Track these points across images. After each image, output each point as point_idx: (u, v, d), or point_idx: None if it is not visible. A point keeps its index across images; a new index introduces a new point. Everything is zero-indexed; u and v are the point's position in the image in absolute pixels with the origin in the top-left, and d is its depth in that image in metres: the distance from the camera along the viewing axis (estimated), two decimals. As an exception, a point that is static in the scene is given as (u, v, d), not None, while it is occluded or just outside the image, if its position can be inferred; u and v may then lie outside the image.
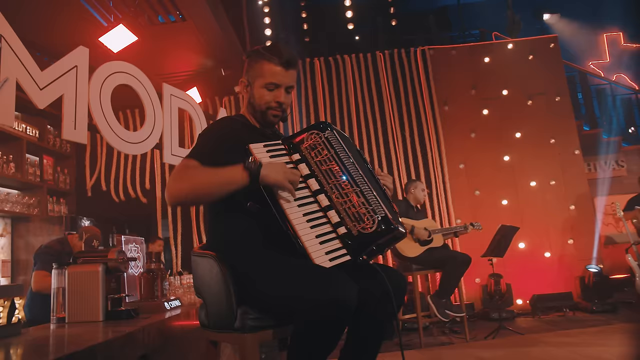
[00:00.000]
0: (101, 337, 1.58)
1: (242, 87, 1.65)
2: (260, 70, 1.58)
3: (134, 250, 2.39)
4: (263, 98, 1.58)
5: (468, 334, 3.93)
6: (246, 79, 1.63)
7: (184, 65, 5.00)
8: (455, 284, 3.89)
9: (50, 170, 5.07)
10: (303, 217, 1.39)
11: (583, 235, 5.40)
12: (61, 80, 2.46)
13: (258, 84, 1.59)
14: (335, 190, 1.43)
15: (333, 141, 1.51)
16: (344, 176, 1.44)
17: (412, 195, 4.18)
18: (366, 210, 1.39)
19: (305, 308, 1.28)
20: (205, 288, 1.49)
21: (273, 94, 1.58)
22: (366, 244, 1.38)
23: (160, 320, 1.90)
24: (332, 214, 1.41)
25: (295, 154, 1.50)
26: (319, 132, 1.53)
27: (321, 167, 1.47)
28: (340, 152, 1.50)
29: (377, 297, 1.42)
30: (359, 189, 1.42)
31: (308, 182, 1.46)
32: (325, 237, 1.38)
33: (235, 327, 1.37)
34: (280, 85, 1.59)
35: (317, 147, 1.50)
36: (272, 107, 1.59)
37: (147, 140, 3.04)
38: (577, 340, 3.55)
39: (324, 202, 1.43)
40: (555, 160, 5.58)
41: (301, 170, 1.47)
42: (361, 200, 1.40)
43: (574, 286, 5.18)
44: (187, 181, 1.42)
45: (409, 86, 5.82)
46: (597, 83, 7.65)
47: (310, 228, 1.38)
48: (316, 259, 1.32)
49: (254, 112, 1.63)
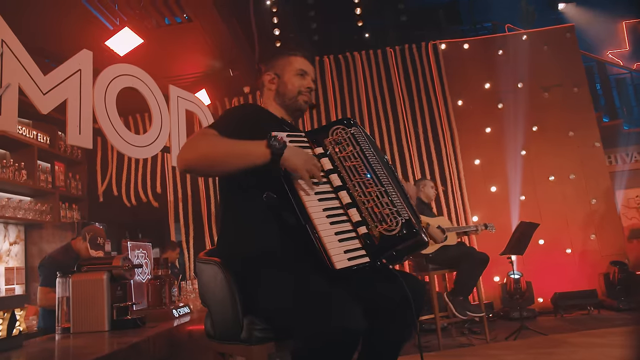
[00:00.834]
0: (106, 349, 1.52)
1: (268, 81, 1.68)
2: (289, 61, 1.66)
3: (141, 257, 2.34)
4: (295, 84, 1.64)
5: (488, 334, 3.80)
6: (272, 73, 1.67)
7: (192, 67, 4.95)
8: (474, 283, 3.78)
9: (61, 177, 5.08)
10: (323, 212, 1.32)
11: (606, 230, 5.21)
12: (64, 84, 2.41)
13: (289, 73, 1.65)
14: (358, 188, 1.37)
15: (359, 138, 1.46)
16: (368, 174, 1.39)
17: (423, 193, 4.09)
18: (390, 211, 1.32)
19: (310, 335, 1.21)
20: (210, 296, 1.42)
21: (303, 80, 1.65)
22: (387, 246, 1.30)
23: (168, 329, 1.84)
24: (353, 212, 1.34)
25: (319, 147, 1.45)
26: (345, 127, 1.47)
27: (345, 163, 1.41)
28: (366, 150, 1.44)
29: (396, 303, 1.35)
30: (383, 188, 1.36)
31: (330, 178, 1.40)
32: (344, 235, 1.30)
33: (241, 338, 1.29)
34: (309, 73, 1.67)
35: (342, 142, 1.45)
36: (302, 92, 1.64)
37: (154, 144, 2.98)
38: (604, 341, 3.39)
39: (345, 199, 1.36)
40: (574, 154, 5.41)
41: (323, 164, 1.42)
42: (385, 200, 1.34)
43: (598, 283, 5.00)
44: (203, 146, 1.35)
45: (420, 82, 5.70)
46: (616, 73, 7.42)
47: (329, 224, 1.30)
48: (334, 257, 1.25)
49: (283, 100, 1.65)
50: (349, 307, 1.20)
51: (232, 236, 1.46)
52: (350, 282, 1.31)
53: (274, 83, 1.67)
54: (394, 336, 1.40)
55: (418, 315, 1.43)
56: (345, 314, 1.18)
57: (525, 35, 5.79)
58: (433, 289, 3.85)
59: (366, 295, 1.33)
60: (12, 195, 4.39)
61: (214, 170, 1.44)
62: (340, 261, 1.24)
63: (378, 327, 1.34)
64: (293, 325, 1.28)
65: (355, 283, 1.33)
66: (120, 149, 2.70)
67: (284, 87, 1.64)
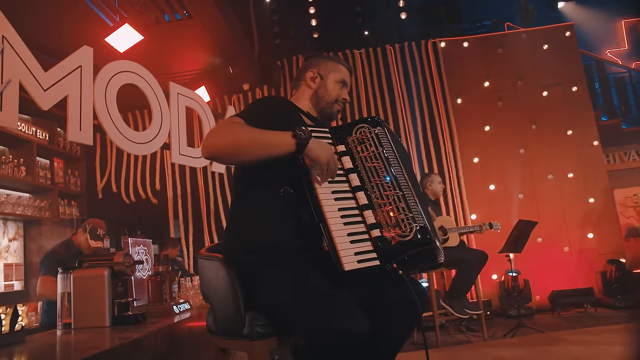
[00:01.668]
0: (107, 344, 1.53)
1: (310, 77, 1.68)
2: (335, 67, 1.68)
3: (142, 253, 2.34)
4: (335, 91, 1.66)
5: (486, 332, 3.83)
6: (316, 72, 1.68)
7: (192, 64, 4.95)
8: (472, 283, 3.79)
9: (61, 173, 5.08)
10: (338, 212, 1.32)
11: (603, 229, 5.24)
12: (65, 80, 2.41)
13: (333, 78, 1.66)
14: (376, 190, 1.36)
15: (383, 139, 1.45)
16: (387, 177, 1.37)
17: (430, 190, 4.07)
18: (405, 216, 1.31)
19: (312, 336, 1.23)
20: (212, 292, 1.43)
21: (342, 91, 1.68)
22: (399, 252, 1.30)
23: (169, 325, 1.85)
24: (368, 214, 1.34)
25: (341, 145, 1.44)
26: (370, 126, 1.45)
27: (365, 163, 1.41)
28: (388, 152, 1.43)
29: (401, 307, 1.37)
30: (401, 192, 1.35)
31: (349, 177, 1.40)
32: (357, 236, 1.30)
33: (243, 333, 1.30)
34: (347, 85, 1.70)
35: (365, 142, 1.43)
36: (338, 102, 1.67)
37: (154, 141, 2.98)
38: (601, 339, 3.42)
39: (362, 200, 1.36)
40: (573, 152, 5.43)
41: (344, 163, 1.41)
42: (402, 205, 1.33)
43: (595, 281, 5.03)
44: (230, 134, 1.35)
45: (420, 80, 5.71)
46: (615, 72, 7.43)
47: (343, 225, 1.30)
48: (344, 258, 1.25)
49: (318, 102, 1.66)
50: (352, 310, 1.22)
51: (244, 228, 1.45)
52: (357, 284, 1.32)
53: (315, 82, 1.67)
54: (396, 339, 1.41)
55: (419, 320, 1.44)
56: (347, 316, 1.20)
57: (524, 34, 5.80)
58: (432, 287, 3.86)
59: (372, 298, 1.35)
60: (11, 192, 4.39)
61: (239, 159, 1.42)
62: (349, 263, 1.25)
63: (381, 329, 1.34)
64: (295, 323, 1.29)
65: (362, 284, 1.34)
66: (120, 145, 2.71)
67: (324, 90, 1.65)
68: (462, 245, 4.03)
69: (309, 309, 1.25)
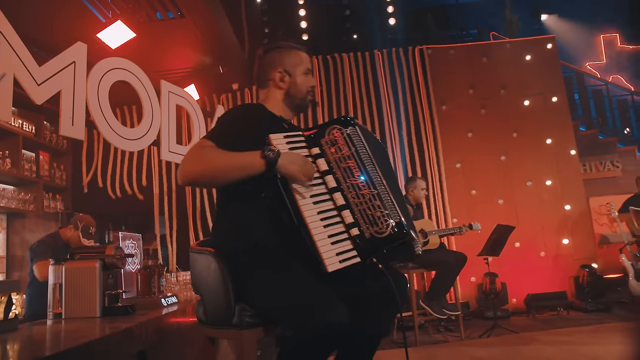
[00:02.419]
0: (98, 333, 1.58)
1: (278, 78, 1.64)
2: (298, 58, 1.65)
3: (131, 247, 2.39)
4: (305, 84, 1.65)
5: (463, 332, 3.95)
6: (283, 70, 1.64)
7: (182, 62, 4.99)
8: (451, 284, 3.91)
9: (46, 166, 5.06)
10: (317, 215, 1.38)
11: (578, 235, 5.43)
12: (59, 76, 2.45)
13: (300, 72, 1.64)
14: (352, 189, 1.41)
15: (355, 138, 1.49)
16: (362, 176, 1.43)
17: (412, 195, 4.17)
18: (381, 214, 1.38)
19: (297, 327, 1.30)
20: (204, 284, 1.50)
21: (310, 79, 1.67)
22: (377, 248, 1.37)
23: (158, 317, 1.90)
24: (346, 214, 1.39)
25: (315, 147, 1.48)
26: (342, 127, 1.49)
27: (340, 164, 1.44)
28: (361, 151, 1.47)
29: (380, 297, 1.44)
30: (376, 191, 1.41)
31: (325, 179, 1.44)
32: (337, 237, 1.37)
33: (233, 323, 1.38)
34: (311, 69, 1.69)
35: (338, 143, 1.47)
36: (310, 92, 1.66)
37: (145, 137, 3.03)
38: (571, 339, 3.57)
39: (339, 200, 1.41)
40: (551, 161, 5.61)
41: (319, 165, 1.45)
42: (377, 203, 1.39)
43: (569, 285, 5.21)
44: (202, 162, 1.39)
45: (406, 85, 5.83)
46: (593, 84, 7.68)
47: (323, 227, 1.37)
48: (326, 260, 1.32)
49: (292, 100, 1.65)
50: (334, 303, 1.29)
51: (228, 231, 1.51)
52: (339, 278, 1.38)
53: (285, 82, 1.64)
54: (375, 329, 1.48)
55: (399, 309, 1.53)
56: (329, 309, 1.27)
57: (509, 44, 5.97)
58: (412, 287, 3.97)
59: (354, 291, 1.42)
60: (-5, 184, 4.37)
61: (216, 183, 1.49)
62: (332, 264, 1.32)
63: (362, 320, 1.42)
64: (281, 316, 1.37)
65: (343, 279, 1.40)
66: (111, 141, 2.75)
67: (295, 88, 1.64)
68: (442, 247, 4.14)
69: (293, 303, 1.32)
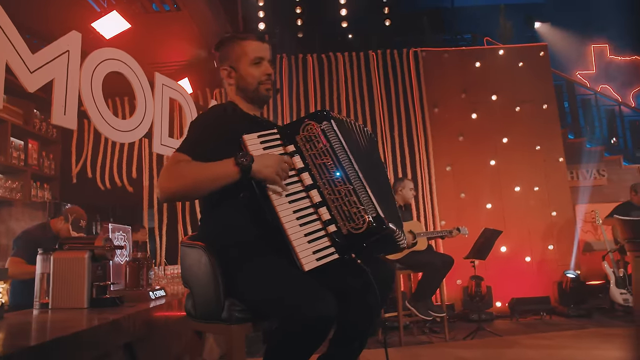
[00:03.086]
0: (85, 324, 1.58)
1: (226, 75, 1.65)
2: (242, 50, 1.62)
3: (121, 239, 2.39)
4: (253, 75, 1.60)
5: (447, 334, 3.99)
6: (228, 66, 1.64)
7: (177, 56, 4.96)
8: (437, 286, 3.95)
9: (35, 155, 5.00)
10: (293, 215, 1.38)
11: (563, 242, 5.52)
12: (52, 64, 2.43)
13: (244, 64, 1.61)
14: (328, 186, 1.41)
15: (330, 134, 1.47)
16: (337, 172, 1.42)
17: (400, 195, 4.20)
18: (357, 209, 1.38)
19: (285, 320, 1.31)
20: (194, 278, 1.51)
21: (260, 68, 1.61)
22: (354, 244, 1.38)
23: (145, 309, 1.91)
24: (323, 211, 1.39)
25: (290, 145, 1.47)
26: (316, 122, 1.48)
27: (315, 160, 1.44)
28: (336, 146, 1.45)
29: (360, 291, 1.45)
30: (351, 186, 1.40)
31: (301, 177, 1.43)
32: (314, 235, 1.37)
33: (222, 318, 1.38)
34: (264, 58, 1.62)
35: (313, 139, 1.46)
36: (263, 82, 1.61)
37: (137, 129, 3.02)
38: (552, 343, 3.64)
39: (316, 198, 1.41)
40: (539, 167, 5.69)
41: (295, 163, 1.45)
42: (353, 199, 1.39)
43: (552, 291, 5.29)
44: (177, 177, 1.41)
45: (400, 87, 5.86)
46: (582, 93, 7.79)
47: (299, 226, 1.37)
48: (303, 259, 1.33)
49: (246, 94, 1.63)
50: (322, 294, 1.30)
51: (216, 228, 1.53)
52: (319, 274, 1.39)
53: (232, 77, 1.64)
54: (361, 323, 1.49)
55: (385, 300, 1.53)
56: (318, 300, 1.28)
57: (502, 50, 6.03)
58: (398, 288, 4.00)
59: (335, 286, 1.43)
60: (-18, 171, 4.31)
61: (194, 196, 1.53)
62: (309, 263, 1.33)
63: (345, 313, 1.42)
64: (269, 310, 1.38)
65: (324, 274, 1.40)
66: (104, 132, 2.74)
67: (243, 81, 1.62)
68: (430, 249, 4.18)
69: (282, 295, 1.34)
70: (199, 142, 1.48)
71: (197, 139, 1.50)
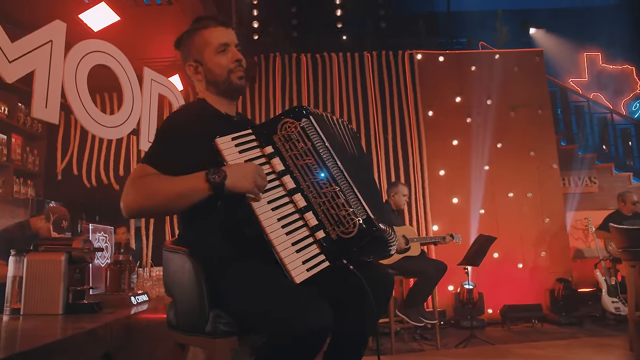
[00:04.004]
0: (59, 334, 1.47)
1: (193, 72, 1.50)
2: (204, 40, 1.47)
3: (102, 240, 2.27)
4: (220, 64, 1.46)
5: (439, 341, 3.92)
6: (193, 61, 1.49)
7: (167, 51, 4.83)
8: (429, 293, 3.88)
9: (18, 150, 4.85)
10: (277, 223, 1.27)
11: (555, 249, 5.48)
12: (33, 54, 2.31)
13: (208, 55, 1.46)
14: (312, 188, 1.31)
15: (310, 131, 1.36)
16: (322, 173, 1.31)
17: (392, 200, 4.13)
18: (346, 212, 1.28)
19: (274, 334, 1.22)
20: (177, 286, 1.40)
21: (227, 55, 1.46)
22: (345, 249, 1.29)
23: (126, 316, 1.79)
24: (309, 216, 1.29)
25: (268, 146, 1.34)
26: (294, 120, 1.36)
27: (297, 161, 1.32)
28: (318, 144, 1.35)
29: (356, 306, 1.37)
30: (338, 187, 1.30)
31: (283, 180, 1.32)
32: (302, 243, 1.27)
33: (206, 330, 1.28)
34: (229, 43, 1.47)
35: (292, 138, 1.34)
36: (233, 70, 1.47)
37: (124, 125, 2.90)
38: (546, 353, 3.57)
39: (300, 202, 1.30)
40: (533, 173, 5.64)
41: (275, 166, 1.33)
42: (340, 201, 1.29)
43: (544, 298, 5.25)
44: (144, 195, 1.28)
45: (394, 89, 5.79)
46: (575, 100, 7.80)
47: (285, 235, 1.26)
48: (293, 271, 1.23)
49: (217, 87, 1.49)
50: (314, 305, 1.21)
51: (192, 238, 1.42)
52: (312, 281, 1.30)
53: (200, 72, 1.49)
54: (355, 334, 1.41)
55: (384, 307, 1.44)
56: (310, 313, 1.19)
57: (497, 55, 5.99)
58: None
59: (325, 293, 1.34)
60: (-39, 165, 4.15)
61: (162, 213, 1.45)
62: (299, 274, 1.23)
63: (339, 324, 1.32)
64: (257, 323, 1.28)
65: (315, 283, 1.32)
66: (88, 127, 2.61)
67: (211, 73, 1.47)
68: (423, 255, 4.10)
69: (270, 306, 1.24)
70: (167, 152, 1.34)
71: (164, 148, 1.36)
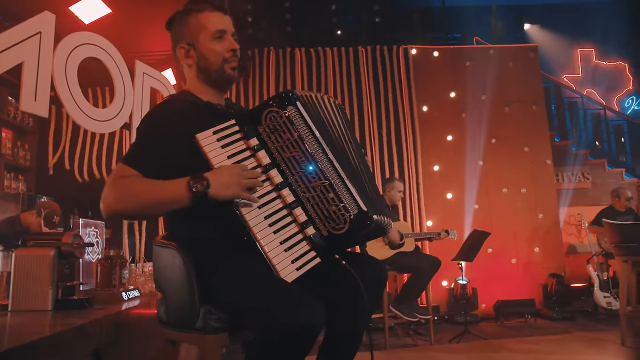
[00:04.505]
0: (48, 330, 1.45)
1: (184, 55, 1.42)
2: (200, 24, 1.39)
3: (93, 235, 2.24)
4: (215, 51, 1.38)
5: (433, 336, 3.92)
6: (185, 43, 1.41)
7: (160, 45, 4.77)
8: (423, 288, 3.88)
9: (9, 145, 4.79)
10: (265, 221, 1.23)
11: (548, 244, 5.50)
12: (22, 46, 2.26)
13: (203, 39, 1.38)
14: (300, 182, 1.26)
15: (296, 121, 1.28)
16: (310, 165, 1.26)
17: (387, 196, 4.11)
18: (336, 207, 1.24)
19: (264, 330, 1.19)
20: (167, 282, 1.38)
21: (224, 43, 1.39)
22: (337, 245, 1.27)
23: (116, 312, 1.78)
24: (298, 211, 1.25)
25: (253, 138, 1.28)
26: (279, 109, 1.28)
27: (284, 154, 1.26)
28: (305, 134, 1.28)
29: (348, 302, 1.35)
30: (327, 181, 1.25)
31: (269, 174, 1.27)
32: (291, 241, 1.23)
33: (197, 326, 1.26)
34: (226, 31, 1.41)
35: (278, 129, 1.27)
36: (227, 59, 1.40)
37: (115, 119, 2.86)
38: (539, 348, 3.58)
39: (288, 197, 1.26)
40: (527, 169, 5.66)
41: (260, 159, 1.27)
42: (330, 195, 1.24)
43: (537, 293, 5.27)
44: (124, 198, 1.23)
45: (389, 84, 5.77)
46: (569, 96, 7.82)
47: (273, 233, 1.23)
48: (281, 272, 1.20)
49: (208, 75, 1.41)
50: (306, 301, 1.19)
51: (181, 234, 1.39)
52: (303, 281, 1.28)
53: (191, 56, 1.41)
54: (349, 331, 1.39)
55: (377, 301, 1.42)
56: (302, 308, 1.17)
57: (492, 50, 5.98)
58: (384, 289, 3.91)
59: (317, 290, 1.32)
60: (-50, 159, 4.09)
61: (144, 217, 1.40)
62: (289, 274, 1.20)
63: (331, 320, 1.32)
64: (249, 318, 1.26)
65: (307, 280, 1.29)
66: (78, 121, 2.58)
67: (204, 60, 1.40)
68: (417, 251, 4.10)
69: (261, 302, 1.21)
70: (149, 152, 1.29)
71: (146, 148, 1.31)
